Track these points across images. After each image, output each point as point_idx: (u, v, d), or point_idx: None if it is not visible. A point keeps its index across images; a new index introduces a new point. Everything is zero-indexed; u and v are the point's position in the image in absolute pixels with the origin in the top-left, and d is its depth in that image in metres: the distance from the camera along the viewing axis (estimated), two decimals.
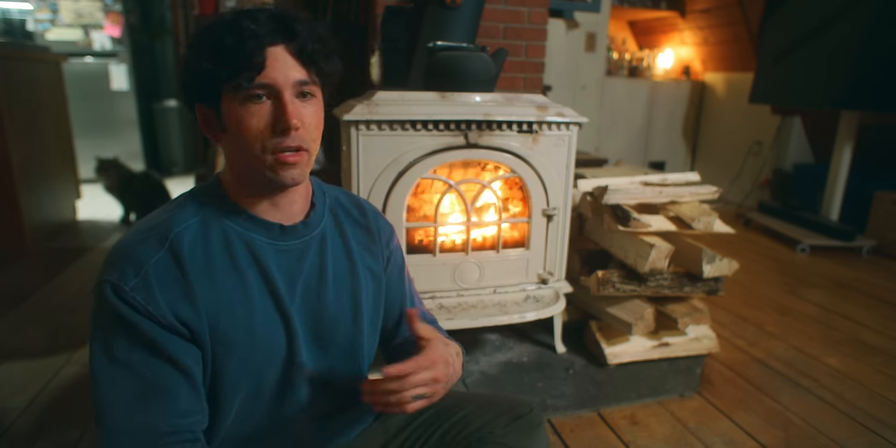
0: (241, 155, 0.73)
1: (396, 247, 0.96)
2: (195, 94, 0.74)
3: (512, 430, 0.95)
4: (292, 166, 0.72)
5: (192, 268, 0.71)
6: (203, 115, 0.75)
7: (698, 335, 1.88)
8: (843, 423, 1.64)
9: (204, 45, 0.70)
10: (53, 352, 1.91)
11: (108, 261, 0.71)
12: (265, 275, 0.76)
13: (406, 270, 0.99)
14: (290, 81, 0.71)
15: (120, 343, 0.69)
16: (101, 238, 3.25)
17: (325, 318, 0.83)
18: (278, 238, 0.78)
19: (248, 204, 0.77)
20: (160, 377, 0.70)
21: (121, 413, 0.68)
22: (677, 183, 1.94)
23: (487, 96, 1.61)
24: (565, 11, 2.47)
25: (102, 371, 0.69)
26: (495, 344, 1.90)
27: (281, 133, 0.71)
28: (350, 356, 0.87)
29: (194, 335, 0.71)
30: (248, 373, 0.76)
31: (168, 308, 0.69)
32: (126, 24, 4.67)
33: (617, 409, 1.68)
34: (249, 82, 0.69)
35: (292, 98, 0.71)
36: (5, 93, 2.71)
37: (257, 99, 0.70)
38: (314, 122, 0.75)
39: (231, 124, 0.72)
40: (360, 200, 0.94)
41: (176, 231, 0.72)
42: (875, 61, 3.09)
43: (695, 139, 5.10)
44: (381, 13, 1.81)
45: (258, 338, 0.76)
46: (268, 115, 0.71)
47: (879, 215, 3.44)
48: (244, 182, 0.76)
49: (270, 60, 0.69)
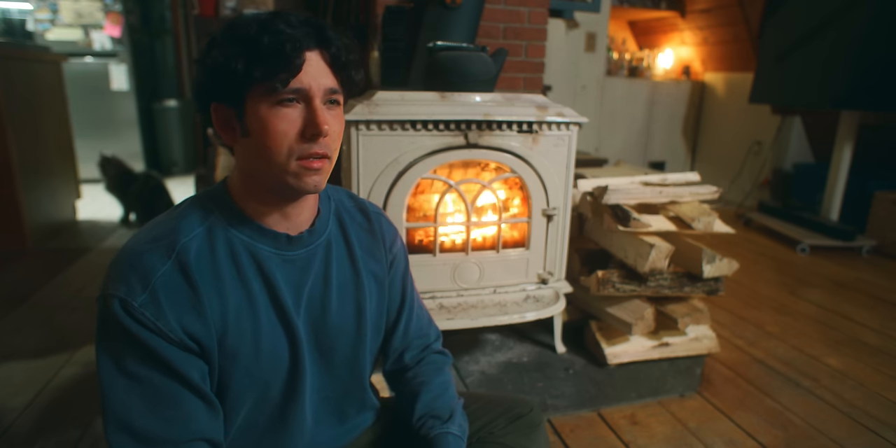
0: (260, 159, 0.71)
1: (400, 249, 0.95)
2: (216, 93, 0.71)
3: (512, 430, 0.95)
4: (316, 172, 0.71)
5: (199, 279, 0.70)
6: (222, 115, 0.72)
7: (698, 335, 1.88)
8: (843, 423, 1.64)
9: (235, 44, 0.67)
10: (53, 352, 1.91)
11: (114, 272, 0.69)
12: (270, 286, 0.76)
13: (408, 272, 0.98)
14: (321, 88, 0.70)
15: (130, 356, 0.67)
16: (101, 238, 3.24)
17: (329, 327, 0.82)
18: (285, 248, 0.77)
19: (256, 213, 0.75)
20: (174, 392, 0.69)
21: (137, 422, 0.67)
22: (677, 183, 1.94)
23: (487, 96, 1.61)
24: (565, 11, 2.46)
25: (115, 382, 0.67)
26: (495, 344, 1.90)
27: (311, 139, 0.69)
28: (352, 364, 0.87)
29: (203, 349, 0.70)
30: (253, 384, 0.76)
31: (177, 323, 0.68)
32: (126, 24, 4.66)
33: (617, 409, 1.68)
34: (284, 85, 0.67)
35: (321, 105, 0.70)
36: (5, 93, 2.71)
37: (289, 102, 0.69)
38: (339, 131, 0.74)
39: (256, 126, 0.69)
40: (365, 203, 0.92)
41: (182, 241, 0.70)
42: (874, 61, 3.08)
43: (695, 139, 5.10)
44: (381, 13, 1.81)
45: (263, 349, 0.75)
46: (298, 119, 0.69)
47: (879, 215, 3.44)
48: (256, 188, 0.74)
49: (306, 65, 0.69)
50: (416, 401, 0.90)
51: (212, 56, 0.69)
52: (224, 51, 0.68)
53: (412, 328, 0.97)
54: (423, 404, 0.90)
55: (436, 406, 0.90)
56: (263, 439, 0.80)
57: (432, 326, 1.02)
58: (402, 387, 0.96)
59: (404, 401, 0.94)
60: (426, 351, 0.98)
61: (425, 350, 0.98)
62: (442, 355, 0.99)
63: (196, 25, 3.33)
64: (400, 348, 0.96)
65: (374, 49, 2.02)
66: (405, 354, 0.96)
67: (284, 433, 0.81)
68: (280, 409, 0.80)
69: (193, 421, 0.70)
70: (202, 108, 0.74)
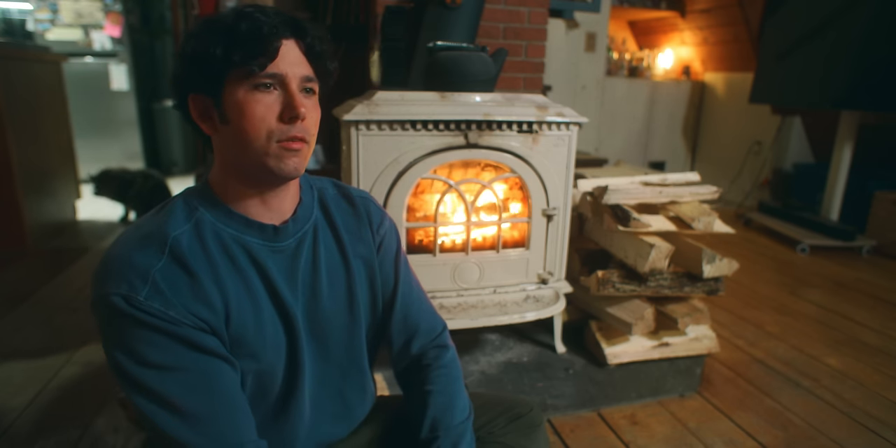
0: (239, 146, 0.72)
1: (389, 229, 0.94)
2: (194, 82, 0.72)
3: (511, 430, 0.95)
4: (295, 153, 0.72)
5: (198, 269, 0.70)
6: (200, 105, 0.73)
7: (698, 335, 1.88)
8: (843, 423, 1.64)
9: (213, 32, 0.69)
10: (53, 352, 1.91)
11: (105, 273, 0.68)
12: (265, 275, 0.76)
13: (401, 254, 0.96)
14: (297, 75, 0.72)
15: (150, 347, 0.67)
16: (101, 238, 3.25)
17: (322, 313, 0.83)
18: (272, 239, 0.78)
19: (240, 205, 0.76)
20: (207, 366, 0.69)
21: (183, 406, 0.67)
22: (677, 183, 1.94)
23: (487, 96, 1.61)
24: (565, 11, 2.46)
25: (145, 376, 0.67)
26: (495, 344, 1.90)
27: (289, 121, 0.71)
28: (349, 348, 0.87)
29: (214, 331, 0.71)
30: (257, 371, 0.76)
31: (186, 310, 0.68)
32: (126, 24, 4.67)
33: (617, 409, 1.68)
34: (262, 68, 0.69)
35: (297, 90, 0.72)
36: (5, 93, 2.71)
37: (265, 87, 0.70)
38: (315, 117, 0.76)
39: (234, 112, 0.71)
40: (348, 188, 0.92)
41: (173, 235, 0.71)
42: (875, 61, 3.09)
43: (695, 139, 5.10)
44: (381, 13, 1.81)
45: (267, 336, 0.76)
46: (275, 103, 0.71)
47: (879, 215, 3.44)
48: (236, 177, 0.75)
49: (282, 52, 0.71)
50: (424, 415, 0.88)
51: (190, 45, 0.71)
52: (202, 39, 0.70)
53: (412, 313, 0.94)
54: (430, 419, 0.87)
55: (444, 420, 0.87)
56: (264, 426, 0.80)
57: (437, 317, 0.99)
58: (412, 391, 0.93)
59: (414, 409, 0.91)
60: (436, 341, 0.95)
61: (435, 340, 0.95)
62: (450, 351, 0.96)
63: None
64: (403, 336, 0.93)
65: (374, 49, 2.02)
66: (412, 344, 0.93)
67: (286, 419, 0.82)
68: (281, 395, 0.80)
69: (233, 390, 0.71)
70: (179, 101, 0.75)
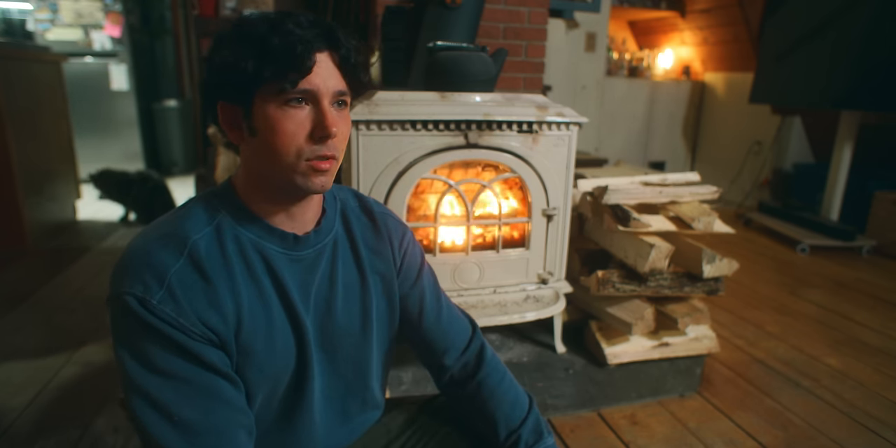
0: (267, 159, 0.71)
1: (410, 244, 0.93)
2: (224, 91, 0.71)
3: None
4: (323, 173, 0.71)
5: (213, 275, 0.70)
6: (229, 114, 0.72)
7: (698, 335, 1.88)
8: (843, 423, 1.64)
9: (245, 43, 0.67)
10: (53, 352, 1.91)
11: (124, 270, 0.68)
12: (279, 284, 0.76)
13: (424, 268, 0.95)
14: (331, 90, 0.70)
15: (156, 353, 0.67)
16: (101, 238, 3.24)
17: (335, 327, 0.82)
18: (292, 248, 0.77)
19: (263, 212, 0.75)
20: (207, 381, 0.69)
21: (178, 415, 0.67)
22: (677, 183, 1.94)
23: (487, 96, 1.61)
24: (565, 11, 2.46)
25: (147, 380, 0.67)
26: (495, 344, 1.90)
27: (319, 140, 0.70)
28: (357, 364, 0.86)
29: (223, 343, 0.70)
30: (265, 381, 0.76)
31: (196, 317, 0.68)
32: (126, 24, 4.67)
33: (617, 409, 1.68)
34: (293, 85, 0.67)
35: (330, 106, 0.71)
36: (5, 93, 2.71)
37: (297, 102, 0.69)
38: (345, 132, 0.74)
39: (264, 127, 0.69)
40: (370, 203, 0.92)
41: (193, 239, 0.70)
42: (875, 61, 3.09)
43: (695, 139, 5.10)
44: (381, 13, 1.81)
45: (276, 347, 0.75)
46: (306, 120, 0.69)
47: (879, 215, 3.44)
48: (262, 187, 0.74)
49: (315, 67, 0.69)
50: (494, 423, 0.90)
51: (221, 54, 0.69)
52: (233, 50, 0.68)
53: (442, 327, 0.93)
54: (501, 427, 0.90)
55: (510, 424, 0.90)
56: (270, 436, 0.80)
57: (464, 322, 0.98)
58: (465, 404, 0.94)
59: (476, 420, 0.93)
60: (471, 347, 0.95)
61: (470, 345, 0.95)
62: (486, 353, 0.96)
63: (196, 25, 3.33)
64: (436, 353, 0.93)
65: (374, 49, 2.03)
66: (446, 358, 0.93)
67: (291, 430, 0.81)
68: (287, 406, 0.80)
69: (231, 408, 0.70)
70: (209, 106, 0.74)
